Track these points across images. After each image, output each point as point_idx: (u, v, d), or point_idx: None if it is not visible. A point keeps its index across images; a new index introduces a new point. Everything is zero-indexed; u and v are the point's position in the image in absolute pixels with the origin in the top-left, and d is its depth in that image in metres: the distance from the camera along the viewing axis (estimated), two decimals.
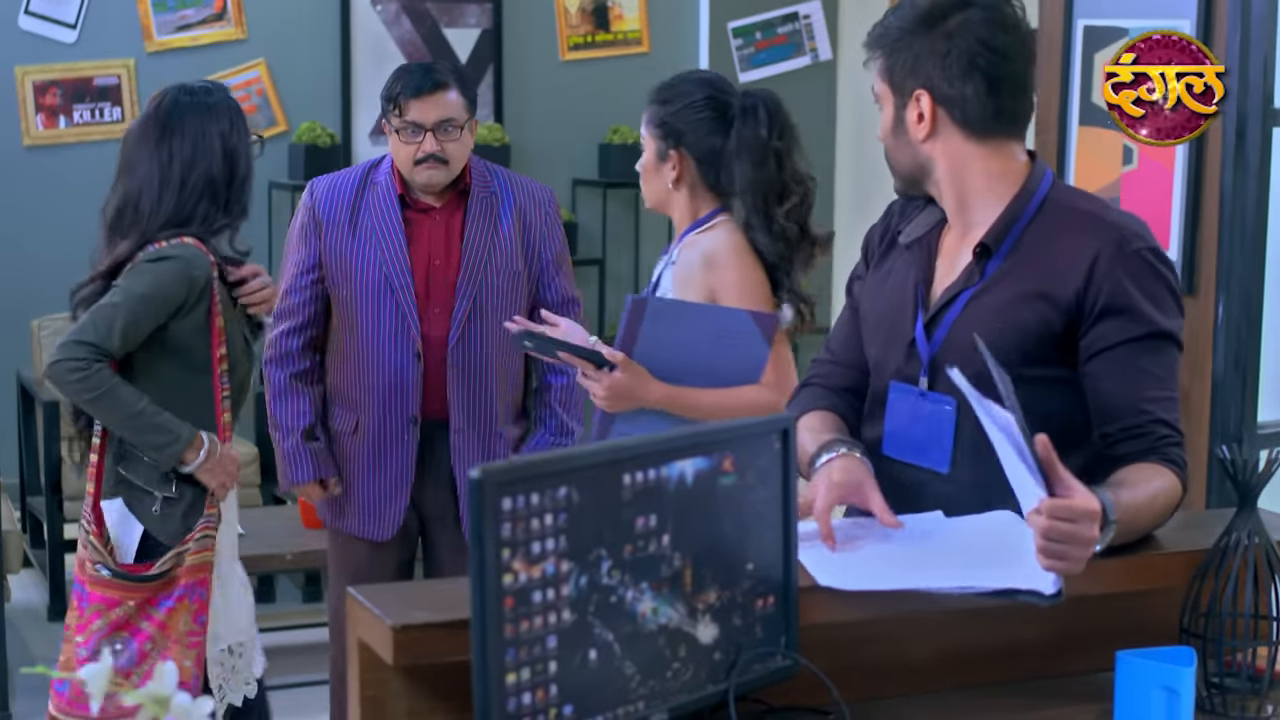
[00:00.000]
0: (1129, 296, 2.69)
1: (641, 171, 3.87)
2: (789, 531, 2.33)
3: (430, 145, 4.43)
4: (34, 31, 7.57)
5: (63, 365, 3.86)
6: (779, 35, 8.47)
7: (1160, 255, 2.73)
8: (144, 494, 3.98)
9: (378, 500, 4.54)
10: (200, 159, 3.99)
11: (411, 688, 2.25)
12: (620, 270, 8.47)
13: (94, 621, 3.91)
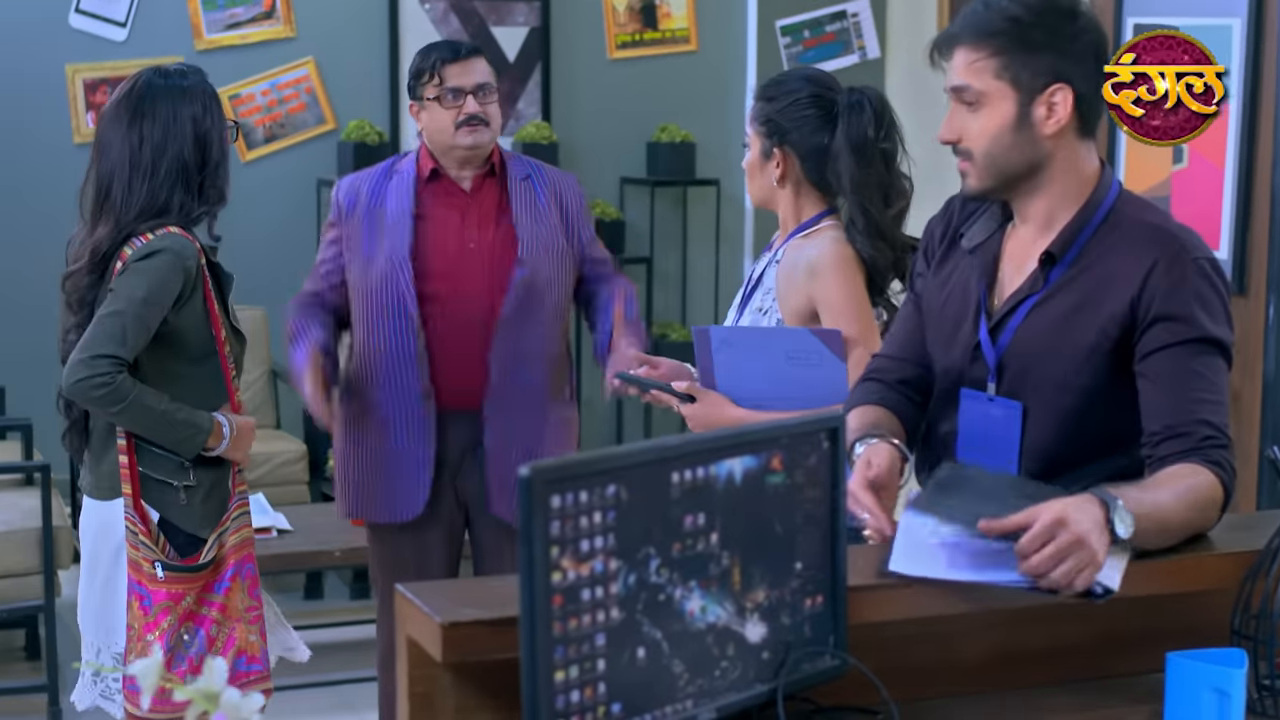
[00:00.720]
0: (1183, 302, 2.69)
1: (746, 169, 3.83)
2: (837, 530, 2.32)
3: (472, 106, 4.50)
4: (85, 30, 7.61)
5: (86, 383, 3.84)
6: (827, 33, 8.45)
7: (1216, 266, 2.73)
8: (165, 486, 3.98)
9: (398, 479, 4.55)
10: (171, 143, 3.96)
11: (460, 685, 2.25)
12: (668, 268, 8.47)
13: (164, 619, 3.92)
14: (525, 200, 4.56)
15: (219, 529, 4.01)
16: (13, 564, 5.84)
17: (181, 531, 3.98)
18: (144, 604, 3.93)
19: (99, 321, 3.88)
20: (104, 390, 3.84)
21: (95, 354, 3.84)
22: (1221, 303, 2.74)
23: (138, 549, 3.94)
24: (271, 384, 7.72)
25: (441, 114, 4.49)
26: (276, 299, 7.75)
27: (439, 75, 4.50)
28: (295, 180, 7.91)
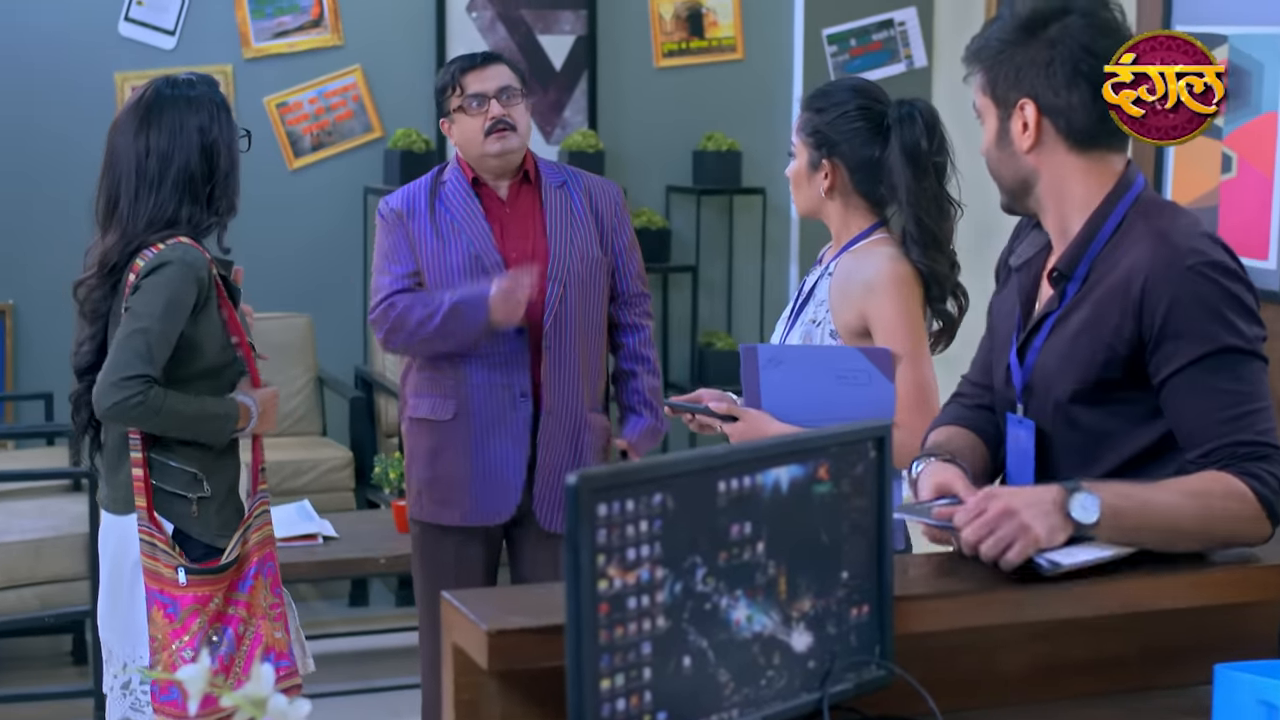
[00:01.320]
0: (1183, 317, 2.64)
1: (791, 179, 3.82)
2: (884, 540, 2.32)
3: (496, 110, 4.54)
4: (134, 38, 7.64)
5: (121, 405, 3.86)
6: (874, 42, 8.44)
7: (1218, 267, 2.66)
8: (176, 498, 3.99)
9: (492, 483, 4.56)
10: (178, 152, 3.96)
11: (506, 692, 2.26)
12: (714, 277, 8.47)
13: (193, 622, 3.93)
14: (561, 209, 4.59)
15: (242, 527, 4.03)
16: (60, 569, 5.88)
17: (198, 543, 3.99)
18: (169, 611, 3.94)
19: (123, 342, 3.89)
20: (139, 409, 3.87)
21: (125, 376, 3.86)
22: (1232, 302, 2.65)
23: (156, 558, 3.94)
24: (318, 391, 7.75)
25: (469, 123, 4.53)
26: (322, 306, 7.81)
27: (460, 85, 4.55)
28: (342, 188, 7.93)
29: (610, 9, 8.24)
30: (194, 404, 3.95)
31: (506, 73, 4.60)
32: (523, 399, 4.52)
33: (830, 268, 3.78)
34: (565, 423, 4.58)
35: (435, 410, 4.58)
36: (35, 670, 6.35)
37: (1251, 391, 2.65)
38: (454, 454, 4.57)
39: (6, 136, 7.50)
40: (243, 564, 4.02)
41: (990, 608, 2.45)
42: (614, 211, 4.69)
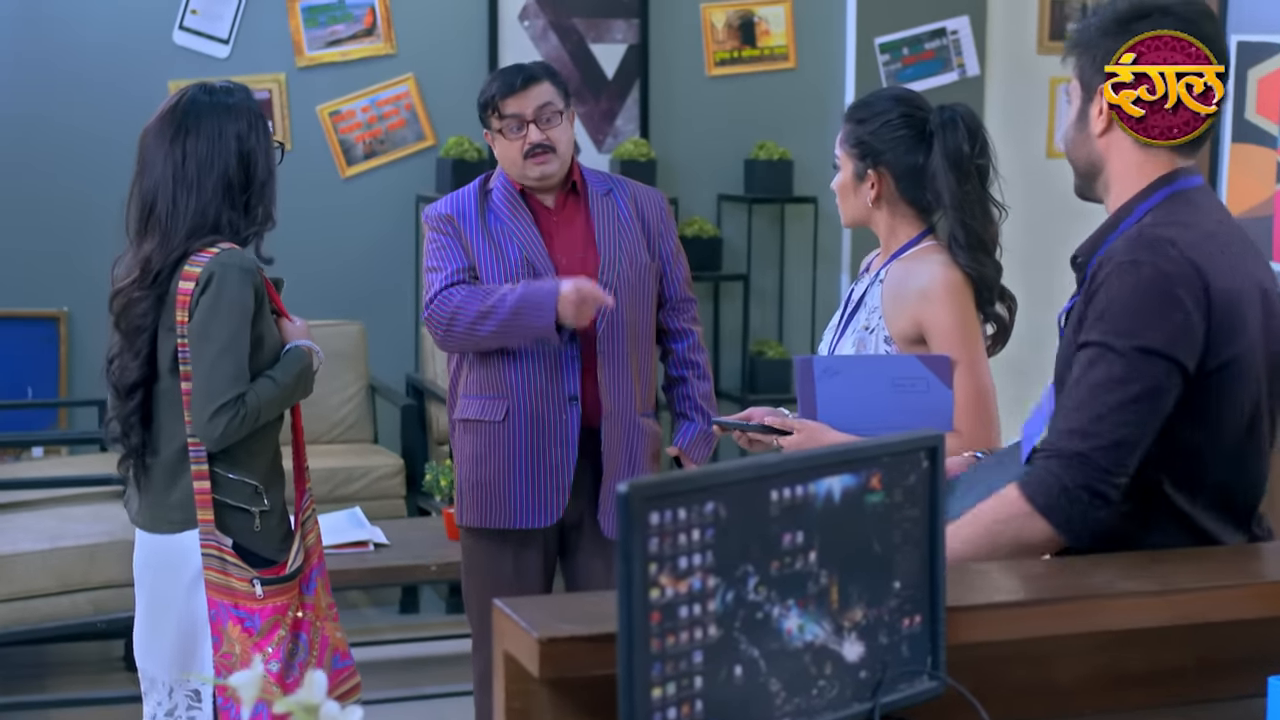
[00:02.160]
0: (1093, 307, 2.73)
1: (837, 190, 3.82)
2: (936, 550, 2.31)
3: (535, 135, 4.51)
4: (188, 46, 7.68)
5: (228, 430, 3.84)
6: (926, 51, 8.42)
7: (1144, 268, 2.69)
8: (240, 513, 3.94)
9: (538, 487, 4.56)
10: (217, 159, 3.90)
11: (557, 700, 2.26)
12: (765, 286, 8.46)
13: (275, 633, 3.90)
14: (608, 217, 4.59)
15: (298, 531, 4.02)
16: (113, 574, 5.90)
17: (258, 556, 3.95)
18: (246, 625, 3.88)
19: (211, 370, 3.83)
20: (243, 422, 3.85)
21: (221, 404, 3.82)
22: (1131, 301, 2.69)
23: (227, 573, 3.89)
24: (370, 399, 7.77)
25: (508, 145, 4.54)
26: (375, 314, 7.83)
27: (497, 108, 4.52)
28: (394, 196, 7.95)
29: (662, 18, 8.24)
30: (278, 383, 3.92)
31: (547, 91, 4.56)
32: (572, 403, 4.53)
33: (881, 275, 3.77)
34: (620, 428, 4.58)
35: (485, 412, 4.58)
36: (87, 675, 6.38)
37: (1087, 392, 2.71)
38: (502, 457, 4.57)
39: (62, 145, 7.55)
40: (305, 567, 4.01)
41: (1044, 618, 2.43)
42: (659, 217, 4.69)
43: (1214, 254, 2.74)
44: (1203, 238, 2.75)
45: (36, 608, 5.89)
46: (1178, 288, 2.69)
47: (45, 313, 7.60)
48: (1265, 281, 2.82)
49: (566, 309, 4.38)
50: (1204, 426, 2.75)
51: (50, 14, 7.55)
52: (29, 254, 7.55)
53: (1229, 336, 2.72)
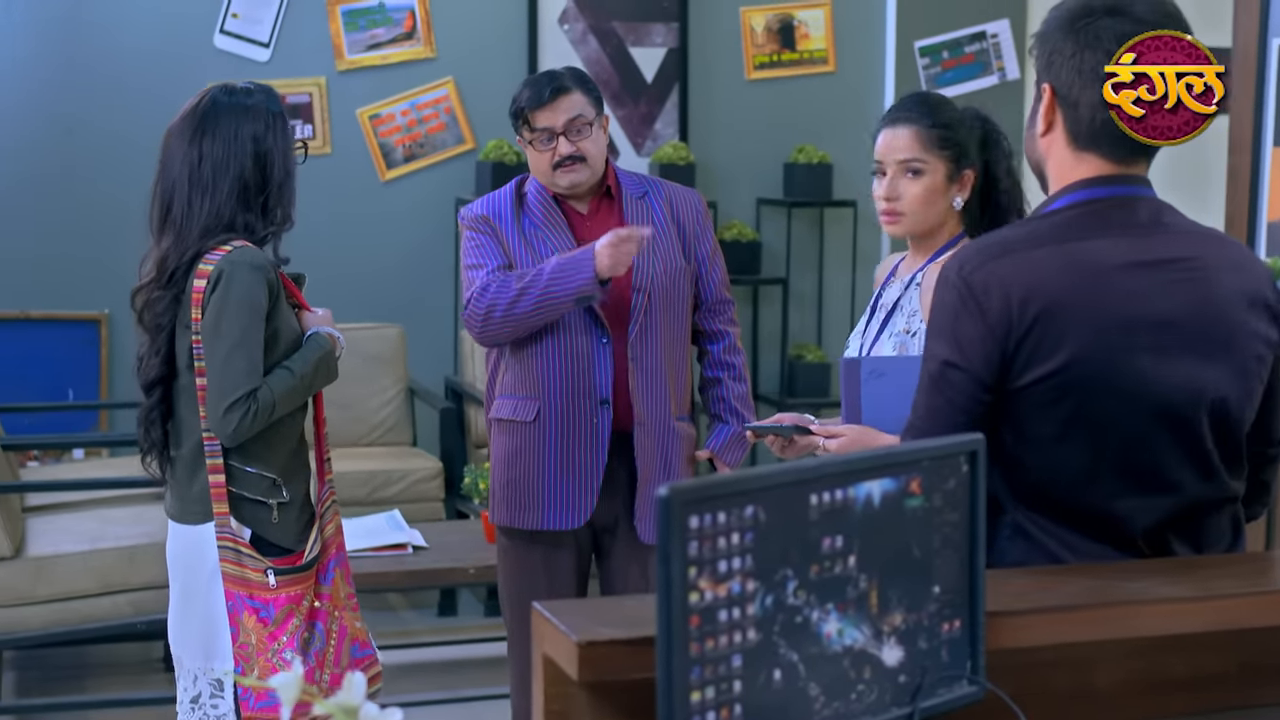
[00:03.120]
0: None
1: (922, 196, 3.74)
2: (976, 554, 2.31)
3: (565, 148, 4.50)
4: (229, 50, 7.72)
5: (240, 426, 3.86)
6: (966, 54, 8.41)
7: (952, 277, 2.70)
8: (258, 505, 3.97)
9: (567, 488, 4.56)
10: (232, 160, 3.93)
11: (596, 703, 2.26)
12: (804, 289, 8.46)
13: (289, 623, 3.92)
14: (641, 219, 4.58)
15: (317, 521, 4.03)
16: (153, 576, 5.92)
17: (275, 547, 3.97)
18: (262, 615, 3.92)
19: (224, 366, 3.87)
20: (257, 417, 3.87)
21: (234, 400, 3.86)
22: (941, 315, 2.72)
23: (242, 564, 3.92)
24: (409, 402, 7.78)
25: (537, 156, 4.53)
26: (414, 317, 7.85)
27: (527, 120, 4.51)
28: (434, 200, 7.97)
29: (702, 21, 8.25)
30: (294, 373, 3.94)
31: (577, 102, 4.53)
32: (603, 406, 4.52)
33: (918, 278, 3.76)
34: (654, 432, 4.58)
35: (517, 412, 4.58)
36: (127, 676, 6.40)
37: (920, 401, 2.78)
38: (533, 457, 4.57)
39: (103, 149, 7.59)
40: (323, 557, 4.02)
41: (1085, 624, 2.42)
42: (695, 219, 4.68)
43: (1040, 264, 2.68)
44: (1039, 249, 2.70)
45: (77, 609, 5.92)
46: (962, 300, 2.69)
47: (86, 315, 7.64)
48: (1164, 315, 2.70)
49: (603, 258, 4.35)
50: (1026, 443, 2.71)
51: (91, 19, 7.58)
52: (70, 257, 7.59)
53: (1047, 351, 2.65)
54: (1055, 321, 2.64)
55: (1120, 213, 2.74)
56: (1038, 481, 2.70)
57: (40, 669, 6.50)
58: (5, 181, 7.55)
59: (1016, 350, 2.65)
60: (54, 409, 7.45)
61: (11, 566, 5.83)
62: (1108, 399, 2.66)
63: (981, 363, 2.66)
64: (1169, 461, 2.70)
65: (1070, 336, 2.64)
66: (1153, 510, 2.71)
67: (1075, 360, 2.64)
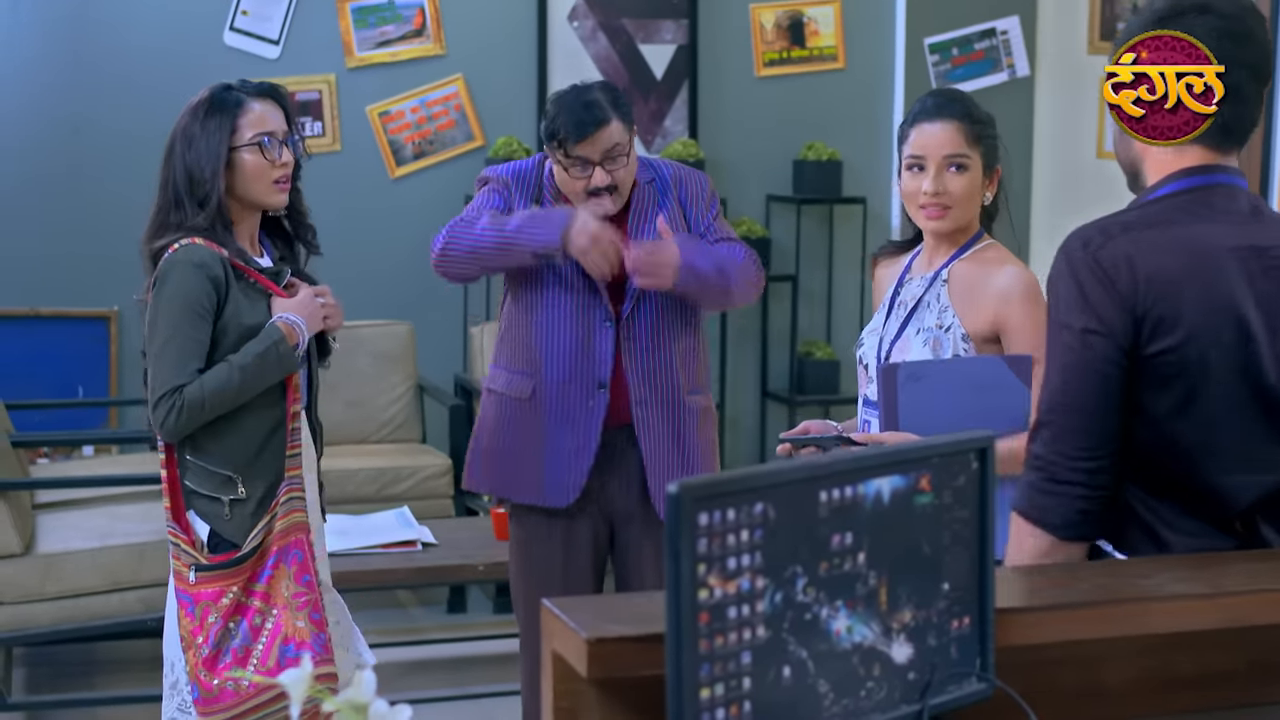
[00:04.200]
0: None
1: (963, 193, 3.75)
2: (985, 552, 2.31)
3: (600, 179, 4.44)
4: (238, 48, 7.72)
5: (166, 424, 3.90)
6: (976, 51, 8.40)
7: (1075, 259, 2.76)
8: (211, 501, 3.98)
9: (558, 464, 4.55)
10: (173, 154, 4.01)
11: (605, 700, 2.26)
12: (813, 286, 8.45)
13: (207, 617, 3.93)
14: (646, 201, 4.57)
15: (266, 516, 3.98)
16: (162, 574, 5.89)
17: (228, 543, 3.98)
18: (189, 610, 3.95)
19: (155, 364, 3.92)
20: (185, 414, 3.89)
21: (160, 396, 3.90)
22: (1071, 290, 2.79)
23: (179, 558, 3.97)
24: (418, 398, 7.79)
25: (570, 181, 4.48)
26: (423, 314, 7.85)
27: (564, 148, 4.46)
28: (443, 197, 7.96)
29: (711, 18, 8.24)
30: (234, 366, 3.91)
31: (616, 132, 4.45)
32: (600, 390, 4.51)
33: (944, 274, 3.77)
34: (662, 411, 4.55)
35: (511, 386, 4.58)
36: (136, 673, 6.40)
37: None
38: (523, 432, 4.56)
39: (111, 147, 7.59)
40: (263, 555, 3.98)
41: (1094, 621, 2.42)
42: (700, 195, 4.64)
43: (1157, 244, 2.73)
44: (1152, 230, 2.75)
45: (86, 606, 5.92)
46: (1075, 275, 2.74)
47: (96, 312, 7.64)
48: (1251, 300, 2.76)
49: (578, 237, 4.32)
50: (1139, 417, 2.73)
51: (100, 17, 7.59)
52: (80, 254, 7.59)
53: (1168, 326, 2.70)
54: (1171, 300, 2.69)
55: (1223, 199, 2.79)
56: (1146, 456, 2.74)
57: (50, 666, 6.51)
58: (15, 179, 7.55)
59: (1142, 321, 2.69)
60: (64, 406, 7.46)
61: (21, 563, 5.84)
62: (1219, 376, 2.71)
63: (1120, 328, 2.70)
64: (1271, 440, 2.76)
65: (1185, 315, 2.69)
66: (1254, 489, 2.76)
67: (1190, 337, 2.69)
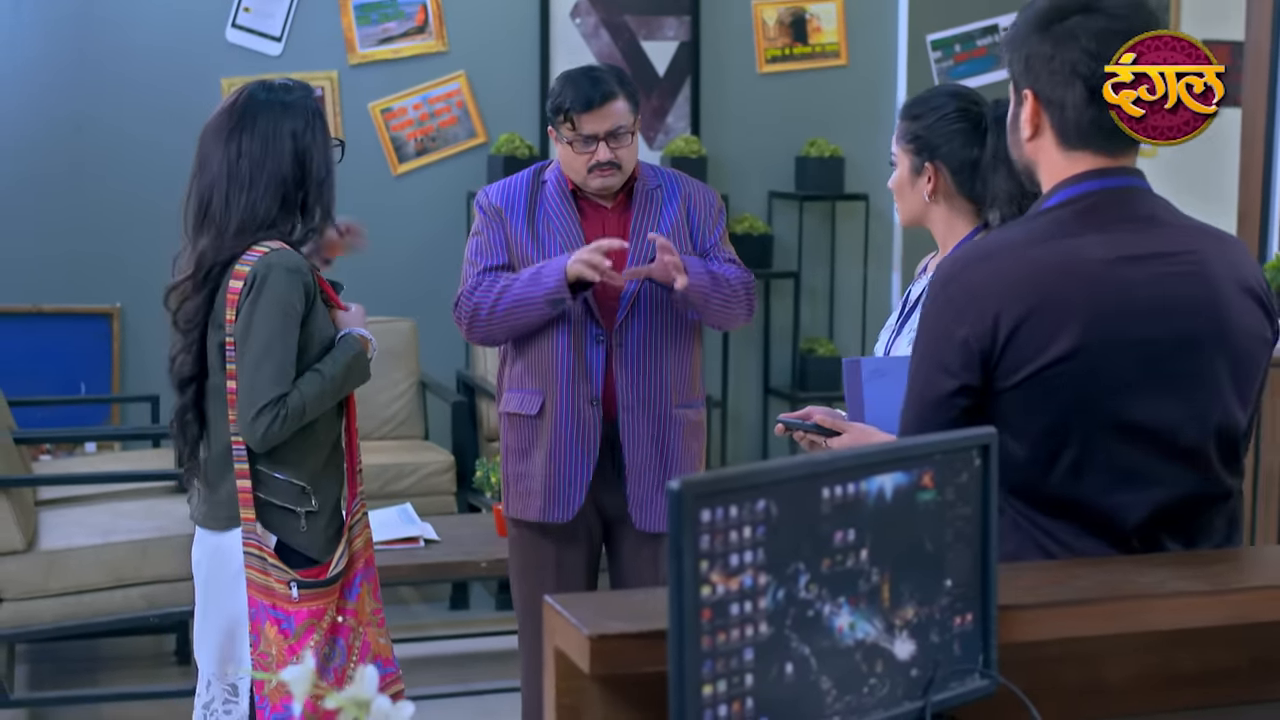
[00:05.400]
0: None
1: (895, 189, 3.80)
2: (988, 548, 2.30)
3: (604, 154, 4.51)
4: (240, 44, 7.72)
5: (270, 432, 3.83)
6: (978, 48, 8.40)
7: (933, 285, 2.77)
8: (286, 513, 3.93)
9: (562, 481, 4.59)
10: (270, 157, 3.89)
11: (607, 697, 2.26)
12: (816, 283, 8.45)
13: (309, 637, 3.88)
14: (649, 208, 4.59)
15: (345, 534, 3.98)
16: (165, 570, 5.93)
17: (301, 556, 3.93)
18: (283, 627, 3.88)
19: (254, 371, 3.83)
20: (286, 423, 3.84)
21: (263, 405, 3.82)
22: (926, 319, 2.80)
23: (267, 573, 3.89)
24: (420, 395, 7.79)
25: (575, 157, 4.53)
26: (426, 311, 7.85)
27: (572, 121, 4.51)
28: (446, 193, 7.97)
29: (714, 15, 8.24)
30: (324, 375, 3.91)
31: (622, 110, 4.54)
32: (594, 405, 4.53)
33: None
34: (647, 422, 4.57)
35: (523, 405, 4.61)
36: (139, 670, 6.41)
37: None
38: (538, 449, 4.60)
39: (113, 144, 7.60)
40: (349, 572, 3.98)
41: (1096, 618, 2.42)
42: (707, 212, 4.67)
43: (1035, 263, 2.68)
44: (1033, 247, 2.71)
45: (89, 602, 5.93)
46: (944, 304, 2.73)
47: (98, 309, 7.65)
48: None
49: (573, 266, 4.38)
50: (1017, 439, 2.69)
51: (102, 15, 7.59)
52: (82, 251, 7.60)
53: (1035, 350, 2.65)
54: (1045, 319, 2.64)
55: (1116, 207, 2.74)
56: (1029, 475, 2.70)
57: (53, 662, 6.51)
58: (17, 177, 7.55)
59: (1006, 349, 2.65)
60: (66, 403, 7.47)
61: (24, 560, 5.84)
62: (1098, 393, 2.66)
63: (978, 365, 2.67)
64: (1161, 455, 2.70)
65: (1061, 333, 2.64)
66: (1143, 505, 2.70)
67: (1067, 355, 2.64)
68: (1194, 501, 2.73)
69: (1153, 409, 2.68)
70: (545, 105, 7.93)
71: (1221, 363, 2.71)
